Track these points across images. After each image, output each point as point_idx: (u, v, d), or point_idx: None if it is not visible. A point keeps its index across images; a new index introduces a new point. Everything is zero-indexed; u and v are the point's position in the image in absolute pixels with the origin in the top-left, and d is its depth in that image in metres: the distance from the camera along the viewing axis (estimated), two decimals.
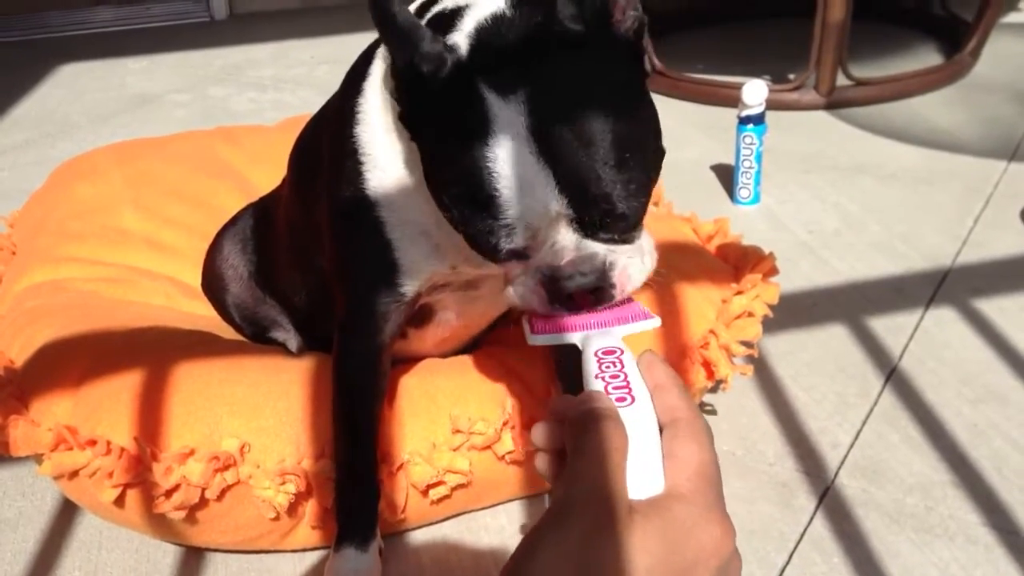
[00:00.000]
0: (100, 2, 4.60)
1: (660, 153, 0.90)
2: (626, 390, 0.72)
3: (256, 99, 3.15)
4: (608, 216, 0.83)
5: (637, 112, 0.87)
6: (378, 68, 1.07)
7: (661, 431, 0.69)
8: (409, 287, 1.11)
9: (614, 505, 0.60)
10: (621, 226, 0.86)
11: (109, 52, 3.86)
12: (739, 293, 1.39)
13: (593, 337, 0.81)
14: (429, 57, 0.85)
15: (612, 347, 0.78)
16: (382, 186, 1.06)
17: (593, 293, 0.87)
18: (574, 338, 0.84)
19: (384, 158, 1.06)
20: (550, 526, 0.61)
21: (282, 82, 3.32)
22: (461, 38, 0.89)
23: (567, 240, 0.84)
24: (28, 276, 1.60)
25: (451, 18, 0.92)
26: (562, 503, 0.62)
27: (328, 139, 1.17)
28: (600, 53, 0.86)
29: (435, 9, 0.96)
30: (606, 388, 0.73)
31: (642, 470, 0.65)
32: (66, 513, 1.35)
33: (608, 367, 0.76)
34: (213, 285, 1.54)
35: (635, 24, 0.89)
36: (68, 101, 3.28)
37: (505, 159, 0.80)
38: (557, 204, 0.81)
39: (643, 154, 0.84)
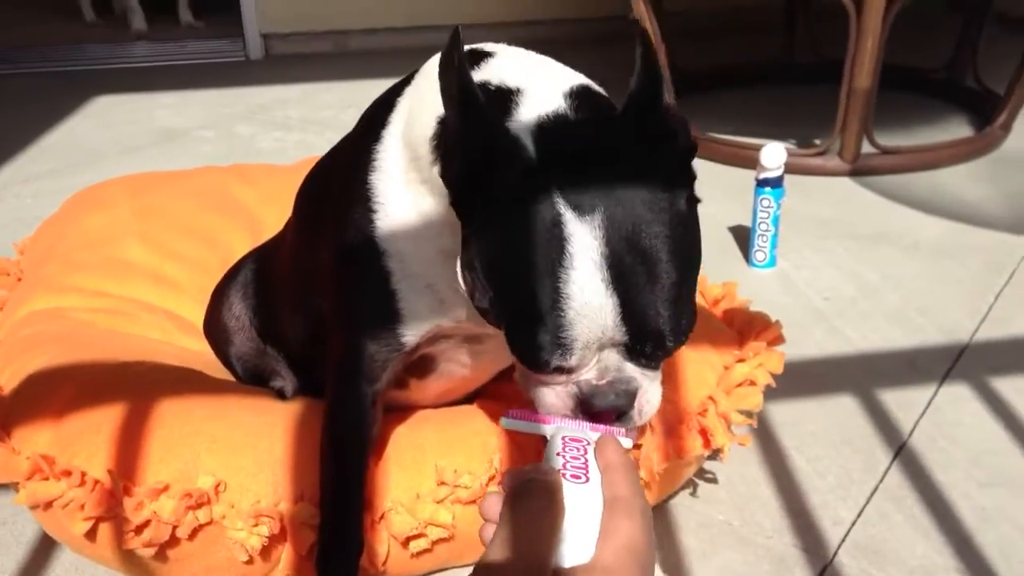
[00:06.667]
0: (140, 38, 4.70)
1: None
2: (583, 470, 0.75)
3: (282, 139, 3.17)
4: (659, 349, 0.84)
5: (694, 245, 0.88)
6: (400, 118, 1.05)
7: None
8: (410, 337, 1.09)
9: (536, 570, 0.59)
10: (662, 357, 0.87)
11: (143, 86, 3.92)
12: (741, 360, 1.35)
13: (564, 429, 0.84)
14: (502, 150, 0.84)
15: (580, 437, 0.80)
16: (392, 236, 1.04)
17: (617, 411, 0.87)
18: (547, 430, 0.85)
19: (397, 209, 1.04)
20: None
21: (309, 123, 3.35)
22: (523, 131, 0.87)
23: (610, 361, 0.85)
24: (30, 303, 1.59)
25: (503, 99, 0.91)
26: (486, 565, 0.61)
27: (339, 182, 1.15)
28: (664, 177, 0.85)
29: (478, 80, 0.90)
30: (564, 464, 0.75)
31: (576, 541, 0.67)
32: (43, 546, 1.32)
33: (571, 450, 0.78)
34: (218, 337, 1.52)
35: (689, 146, 0.89)
36: (97, 132, 3.33)
37: (577, 282, 0.79)
38: (616, 332, 0.81)
39: (693, 288, 0.86)
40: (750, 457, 1.50)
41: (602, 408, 0.85)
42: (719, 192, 2.60)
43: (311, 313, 1.30)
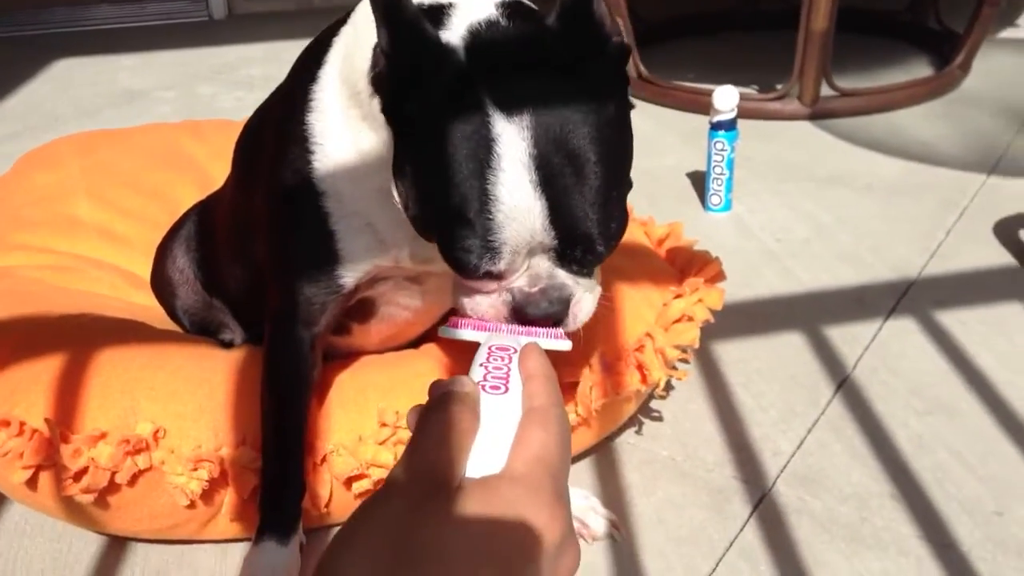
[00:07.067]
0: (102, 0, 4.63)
1: (630, 186, 0.90)
2: (503, 380, 0.73)
3: (243, 98, 3.15)
4: (589, 254, 0.85)
5: (625, 149, 0.88)
6: (336, 55, 1.04)
7: None
8: (348, 278, 1.10)
9: (441, 481, 0.59)
10: (592, 262, 0.87)
11: (105, 48, 3.87)
12: (679, 296, 1.36)
13: (496, 336, 0.82)
14: (432, 56, 0.84)
15: (507, 345, 0.79)
16: (330, 176, 1.05)
17: (552, 319, 0.88)
18: (480, 337, 0.84)
19: (335, 148, 1.04)
20: (374, 502, 0.59)
21: (272, 81, 3.26)
22: (455, 38, 0.87)
23: (541, 268, 0.85)
24: None
25: (436, 13, 0.91)
26: (391, 479, 0.60)
27: (275, 124, 1.15)
28: (595, 81, 0.85)
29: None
30: (485, 375, 0.73)
31: (488, 452, 0.65)
32: None
33: (495, 359, 0.76)
34: (164, 291, 1.52)
35: (621, 51, 0.89)
36: (57, 95, 3.29)
37: (504, 183, 0.79)
38: (545, 236, 0.82)
39: (624, 191, 0.86)
40: (696, 395, 1.52)
41: (536, 316, 0.86)
42: (677, 139, 2.60)
43: (251, 264, 1.30)
